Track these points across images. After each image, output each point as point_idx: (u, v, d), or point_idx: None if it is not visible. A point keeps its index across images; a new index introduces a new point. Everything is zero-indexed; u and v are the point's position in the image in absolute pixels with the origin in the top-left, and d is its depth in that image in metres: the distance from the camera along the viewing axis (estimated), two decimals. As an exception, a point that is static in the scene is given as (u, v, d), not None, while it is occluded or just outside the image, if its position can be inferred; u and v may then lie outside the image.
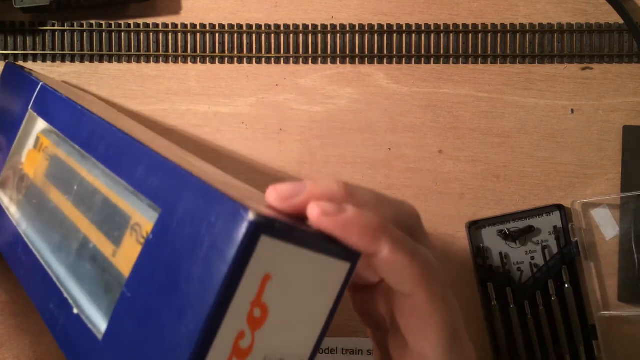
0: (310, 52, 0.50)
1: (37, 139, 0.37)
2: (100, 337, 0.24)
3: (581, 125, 0.49)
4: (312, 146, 0.49)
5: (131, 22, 0.50)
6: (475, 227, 0.48)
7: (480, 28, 0.50)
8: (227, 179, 0.31)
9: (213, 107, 0.49)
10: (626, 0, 0.49)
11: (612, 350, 0.48)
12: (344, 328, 0.48)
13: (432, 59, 0.50)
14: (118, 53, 0.50)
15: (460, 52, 0.50)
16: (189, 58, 0.50)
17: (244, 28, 0.50)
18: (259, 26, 0.50)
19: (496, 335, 0.48)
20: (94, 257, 0.28)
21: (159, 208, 0.23)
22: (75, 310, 0.26)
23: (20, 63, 0.50)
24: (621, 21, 0.49)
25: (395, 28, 0.50)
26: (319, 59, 0.50)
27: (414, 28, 0.50)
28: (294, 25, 0.50)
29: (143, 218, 0.25)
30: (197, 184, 0.22)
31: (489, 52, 0.50)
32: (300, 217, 0.23)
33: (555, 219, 0.48)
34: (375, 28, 0.50)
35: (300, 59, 0.50)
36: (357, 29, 0.50)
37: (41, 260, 0.30)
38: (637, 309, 0.48)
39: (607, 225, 0.48)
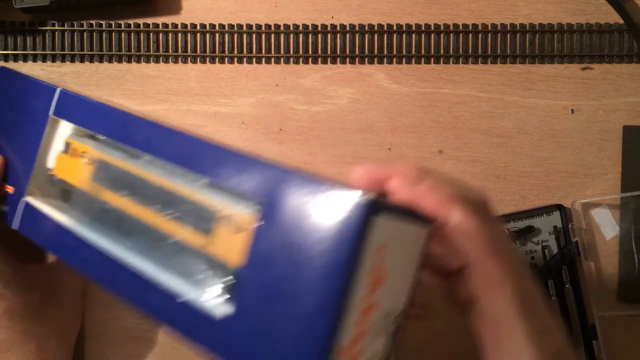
0: (310, 52, 0.50)
1: (68, 144, 0.38)
2: (218, 317, 0.27)
3: (581, 125, 0.49)
4: (312, 146, 0.49)
5: (131, 22, 0.50)
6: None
7: (480, 28, 0.50)
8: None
9: (213, 107, 0.49)
10: (626, 0, 0.49)
11: (612, 350, 0.48)
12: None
13: (432, 59, 0.50)
14: (118, 53, 0.50)
15: (460, 52, 0.50)
16: (189, 58, 0.50)
17: (244, 28, 0.50)
18: (259, 26, 0.50)
19: (496, 335, 0.48)
20: (180, 250, 0.30)
21: (251, 199, 0.27)
22: (182, 299, 0.28)
23: (20, 63, 0.50)
24: (621, 21, 0.49)
25: (395, 28, 0.50)
26: (319, 59, 0.50)
27: (414, 28, 0.50)
28: (294, 25, 0.50)
29: (234, 209, 0.28)
30: (294, 174, 0.25)
31: (489, 52, 0.50)
32: (382, 193, 0.27)
33: (555, 219, 0.48)
34: (375, 28, 0.50)
35: (300, 59, 0.50)
36: (357, 29, 0.50)
37: (124, 261, 0.31)
38: (637, 309, 0.48)
39: (607, 225, 0.48)
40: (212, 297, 0.28)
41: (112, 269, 0.32)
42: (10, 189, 0.39)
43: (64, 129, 0.38)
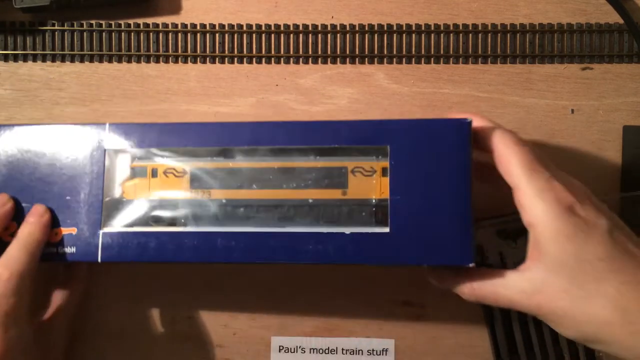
0: (310, 52, 0.50)
1: (142, 168, 0.41)
2: (386, 230, 0.37)
3: (581, 125, 0.49)
4: (312, 146, 0.49)
5: (131, 22, 0.50)
6: (475, 227, 0.48)
7: (480, 28, 0.50)
8: None
9: (213, 107, 0.49)
10: (626, 0, 0.49)
11: (612, 350, 0.47)
12: (344, 328, 0.48)
13: (432, 59, 0.50)
14: (118, 53, 0.50)
15: (460, 52, 0.50)
16: (189, 58, 0.50)
17: (244, 28, 0.50)
18: (259, 26, 0.50)
19: (496, 335, 0.48)
20: (323, 204, 0.39)
21: (375, 151, 0.39)
22: (347, 232, 0.37)
23: (20, 63, 0.50)
24: (621, 21, 0.49)
25: (395, 28, 0.50)
26: (319, 59, 0.50)
27: (414, 28, 0.50)
28: (294, 25, 0.50)
29: (358, 162, 0.39)
30: (406, 121, 0.39)
31: (489, 52, 0.50)
32: None
33: (555, 219, 0.48)
34: (375, 28, 0.50)
35: (300, 59, 0.50)
36: (357, 29, 0.50)
37: (265, 232, 0.38)
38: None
39: (607, 225, 0.48)
40: (370, 225, 0.38)
41: (252, 245, 0.38)
42: (71, 230, 0.40)
43: (122, 159, 0.41)
